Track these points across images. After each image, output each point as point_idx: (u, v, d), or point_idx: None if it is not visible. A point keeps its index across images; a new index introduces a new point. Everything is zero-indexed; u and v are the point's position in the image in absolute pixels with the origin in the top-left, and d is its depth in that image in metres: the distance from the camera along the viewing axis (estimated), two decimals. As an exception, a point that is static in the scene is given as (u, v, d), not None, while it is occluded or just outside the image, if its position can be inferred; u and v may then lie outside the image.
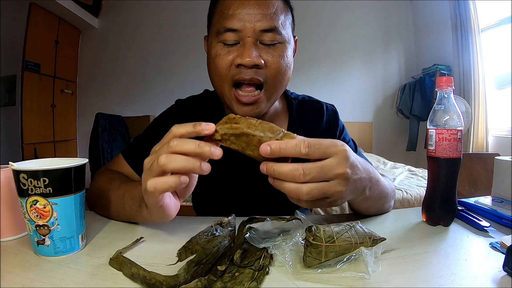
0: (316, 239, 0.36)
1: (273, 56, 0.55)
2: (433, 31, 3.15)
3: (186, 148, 0.37)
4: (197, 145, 0.37)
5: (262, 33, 0.53)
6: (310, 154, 0.36)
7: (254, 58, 0.52)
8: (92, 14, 3.29)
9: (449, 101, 0.49)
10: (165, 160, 0.36)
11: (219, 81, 0.56)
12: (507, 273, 0.34)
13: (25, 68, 2.58)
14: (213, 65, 0.56)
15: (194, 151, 0.37)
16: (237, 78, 0.54)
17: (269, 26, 0.53)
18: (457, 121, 0.48)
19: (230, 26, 0.53)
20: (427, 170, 0.52)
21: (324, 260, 0.36)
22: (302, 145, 0.36)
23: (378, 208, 0.56)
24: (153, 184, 0.37)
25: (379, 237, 0.40)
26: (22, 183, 0.38)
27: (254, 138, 0.38)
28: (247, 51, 0.52)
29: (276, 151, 0.36)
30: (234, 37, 0.54)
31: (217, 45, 0.55)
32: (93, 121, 2.73)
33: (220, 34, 0.54)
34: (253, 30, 0.53)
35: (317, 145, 0.37)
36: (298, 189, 0.36)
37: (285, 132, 0.38)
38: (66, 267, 0.37)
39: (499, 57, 2.42)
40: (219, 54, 0.55)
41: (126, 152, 0.68)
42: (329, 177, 0.37)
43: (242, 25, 0.53)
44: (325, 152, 0.37)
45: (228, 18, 0.53)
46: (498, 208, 0.53)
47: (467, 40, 2.61)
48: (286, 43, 0.56)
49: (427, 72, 3.10)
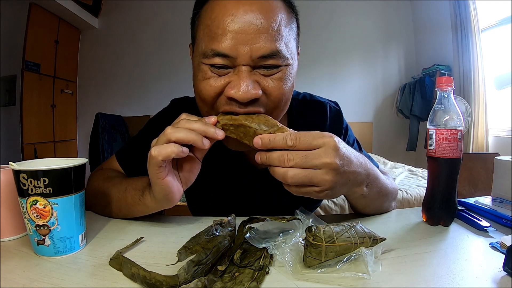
0: (316, 239, 0.36)
1: (274, 82, 0.45)
2: (433, 31, 3.15)
3: (194, 126, 0.41)
4: (203, 124, 0.42)
5: (261, 60, 0.43)
6: (296, 145, 0.39)
7: (251, 92, 0.42)
8: (92, 14, 3.29)
9: (449, 101, 0.49)
10: (171, 130, 0.41)
11: (204, 107, 0.49)
12: (507, 273, 0.34)
13: (25, 68, 2.58)
14: (199, 89, 0.46)
15: (199, 129, 0.42)
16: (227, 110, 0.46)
17: (270, 51, 0.43)
18: (457, 121, 0.48)
19: (219, 50, 0.42)
20: (427, 170, 0.52)
21: (324, 260, 0.36)
22: (288, 137, 0.39)
23: (377, 206, 0.55)
24: (157, 149, 0.41)
25: (379, 237, 0.40)
26: (22, 183, 0.38)
27: (250, 129, 0.42)
28: (242, 81, 0.42)
29: (266, 144, 0.41)
30: (224, 62, 0.43)
31: (204, 67, 0.45)
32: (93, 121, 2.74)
33: (207, 58, 0.44)
34: (249, 57, 0.42)
35: (303, 137, 0.40)
36: (284, 173, 0.39)
37: (280, 126, 0.43)
38: (66, 267, 0.37)
39: (499, 57, 2.41)
40: (207, 79, 0.45)
41: (119, 154, 0.67)
42: (315, 165, 0.39)
43: (234, 49, 0.42)
44: (311, 143, 0.39)
45: (217, 39, 0.42)
46: (498, 208, 0.53)
47: (467, 40, 2.61)
48: (290, 65, 0.46)
49: (427, 72, 3.09)
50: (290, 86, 0.48)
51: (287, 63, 0.45)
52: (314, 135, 0.40)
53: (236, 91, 0.42)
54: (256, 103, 0.45)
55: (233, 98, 0.43)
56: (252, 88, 0.43)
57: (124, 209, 0.52)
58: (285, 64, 0.45)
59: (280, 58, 0.44)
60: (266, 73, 0.45)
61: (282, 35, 0.44)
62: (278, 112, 0.49)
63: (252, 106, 0.45)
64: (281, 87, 0.46)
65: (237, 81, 0.43)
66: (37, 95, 2.74)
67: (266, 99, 0.46)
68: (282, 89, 0.46)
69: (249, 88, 0.42)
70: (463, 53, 2.66)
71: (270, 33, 0.42)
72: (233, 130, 0.44)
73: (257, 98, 0.44)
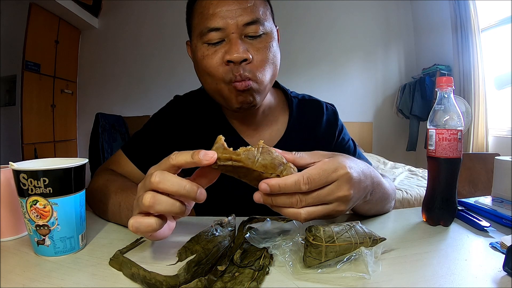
0: (316, 239, 0.36)
1: (259, 49, 0.55)
2: (433, 31, 3.15)
3: (169, 188, 0.34)
4: (183, 186, 0.34)
5: (246, 27, 0.54)
6: (312, 188, 0.36)
7: (242, 53, 0.52)
8: (92, 14, 3.29)
9: (449, 101, 0.49)
10: (150, 202, 0.34)
11: (214, 81, 0.56)
12: (507, 273, 0.34)
13: (25, 68, 2.58)
14: (203, 67, 0.56)
15: (178, 192, 0.34)
16: (229, 79, 0.54)
17: (251, 18, 0.54)
18: (457, 121, 0.48)
19: (213, 26, 0.53)
20: (427, 170, 0.52)
21: (324, 260, 0.36)
22: (302, 181, 0.36)
23: (378, 209, 0.56)
24: (135, 224, 0.35)
25: (379, 237, 0.40)
26: (22, 183, 0.38)
27: (255, 172, 0.37)
28: (234, 46, 0.52)
29: (275, 190, 0.36)
30: (218, 35, 0.54)
31: (202, 46, 0.55)
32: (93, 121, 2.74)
33: (204, 35, 0.54)
34: (236, 26, 0.53)
35: (317, 178, 0.36)
36: (296, 214, 0.37)
37: (286, 165, 0.37)
38: (66, 267, 0.37)
39: (499, 57, 2.41)
40: (207, 55, 0.55)
41: (126, 148, 0.67)
42: (329, 200, 0.37)
43: (224, 22, 0.53)
44: (326, 181, 0.37)
45: (209, 17, 0.53)
46: (498, 208, 0.53)
47: (467, 40, 2.61)
48: (270, 34, 0.57)
49: (427, 72, 3.09)
50: (273, 53, 0.57)
51: (267, 30, 0.56)
52: (327, 171, 0.37)
53: (231, 54, 0.52)
54: (247, 66, 0.54)
55: (230, 60, 0.52)
56: (243, 51, 0.53)
57: (120, 222, 0.52)
58: (266, 31, 0.56)
59: (260, 25, 0.55)
60: (252, 40, 0.55)
61: (259, 9, 0.55)
62: (264, 77, 0.56)
63: (243, 70, 0.53)
64: (265, 53, 0.56)
65: (231, 47, 0.53)
66: (37, 95, 2.74)
67: (253, 64, 0.55)
68: (266, 55, 0.56)
69: (240, 51, 0.52)
70: (463, 53, 2.66)
71: (248, 6, 0.54)
72: (231, 170, 0.37)
73: (247, 59, 0.53)
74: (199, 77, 0.60)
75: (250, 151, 0.36)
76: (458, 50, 2.71)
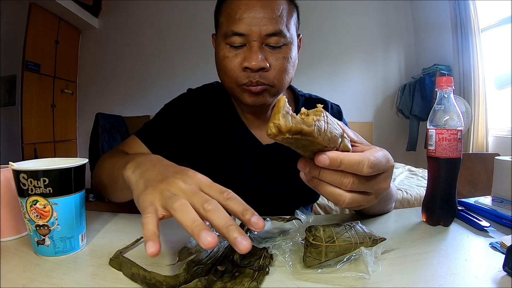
0: (316, 239, 0.36)
1: (278, 58, 0.57)
2: (433, 31, 3.15)
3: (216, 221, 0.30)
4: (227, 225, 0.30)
5: (268, 37, 0.55)
6: (373, 173, 0.34)
7: (260, 62, 0.55)
8: (92, 14, 3.28)
9: (449, 101, 0.49)
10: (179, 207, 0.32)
11: (230, 81, 0.59)
12: (507, 273, 0.34)
13: (25, 68, 2.58)
14: (222, 66, 0.59)
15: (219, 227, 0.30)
16: (245, 84, 0.57)
17: (274, 30, 0.55)
18: (457, 121, 0.48)
19: (237, 31, 0.55)
20: (427, 170, 0.52)
21: (324, 260, 0.36)
22: (366, 163, 0.33)
23: (382, 209, 0.56)
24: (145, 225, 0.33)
25: (379, 237, 0.40)
26: (22, 183, 0.38)
27: (318, 145, 0.32)
28: (253, 55, 0.55)
29: (335, 165, 0.33)
30: (240, 40, 0.56)
31: (225, 47, 0.58)
32: (93, 121, 2.73)
33: (228, 37, 0.57)
34: (259, 35, 0.55)
35: (379, 164, 0.35)
36: (340, 196, 0.34)
37: (343, 137, 0.35)
38: (66, 267, 0.37)
39: (499, 57, 2.41)
40: (227, 57, 0.57)
41: (141, 133, 0.66)
42: (372, 190, 0.36)
43: (248, 29, 0.55)
44: (382, 170, 0.36)
45: (235, 22, 0.55)
46: (498, 208, 0.53)
47: (467, 40, 2.60)
48: (291, 44, 0.59)
49: (427, 72, 3.09)
50: (291, 63, 0.59)
51: (288, 42, 0.58)
52: (385, 159, 0.36)
53: (249, 62, 0.55)
54: (263, 73, 0.56)
55: (248, 67, 0.55)
56: (261, 60, 0.55)
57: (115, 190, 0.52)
58: (286, 42, 0.57)
59: (282, 37, 0.56)
60: (271, 51, 0.57)
61: (284, 20, 0.57)
62: (279, 85, 0.59)
63: (260, 77, 0.56)
64: (283, 63, 0.58)
65: (250, 54, 0.55)
66: (37, 95, 2.74)
67: (270, 72, 0.57)
68: (284, 65, 0.58)
69: (259, 60, 0.55)
70: (463, 53, 2.65)
71: (274, 17, 0.55)
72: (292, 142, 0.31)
73: (264, 68, 0.56)
74: (218, 72, 0.62)
75: (319, 121, 0.31)
76: (458, 50, 2.71)
